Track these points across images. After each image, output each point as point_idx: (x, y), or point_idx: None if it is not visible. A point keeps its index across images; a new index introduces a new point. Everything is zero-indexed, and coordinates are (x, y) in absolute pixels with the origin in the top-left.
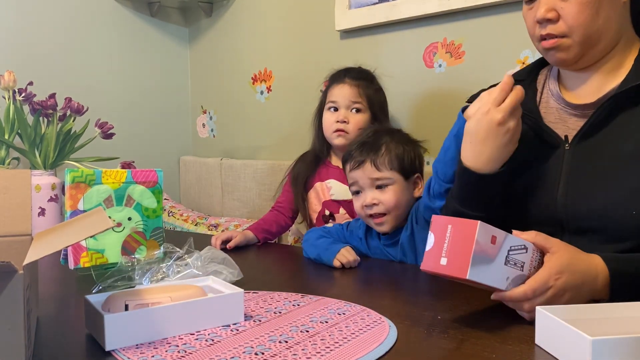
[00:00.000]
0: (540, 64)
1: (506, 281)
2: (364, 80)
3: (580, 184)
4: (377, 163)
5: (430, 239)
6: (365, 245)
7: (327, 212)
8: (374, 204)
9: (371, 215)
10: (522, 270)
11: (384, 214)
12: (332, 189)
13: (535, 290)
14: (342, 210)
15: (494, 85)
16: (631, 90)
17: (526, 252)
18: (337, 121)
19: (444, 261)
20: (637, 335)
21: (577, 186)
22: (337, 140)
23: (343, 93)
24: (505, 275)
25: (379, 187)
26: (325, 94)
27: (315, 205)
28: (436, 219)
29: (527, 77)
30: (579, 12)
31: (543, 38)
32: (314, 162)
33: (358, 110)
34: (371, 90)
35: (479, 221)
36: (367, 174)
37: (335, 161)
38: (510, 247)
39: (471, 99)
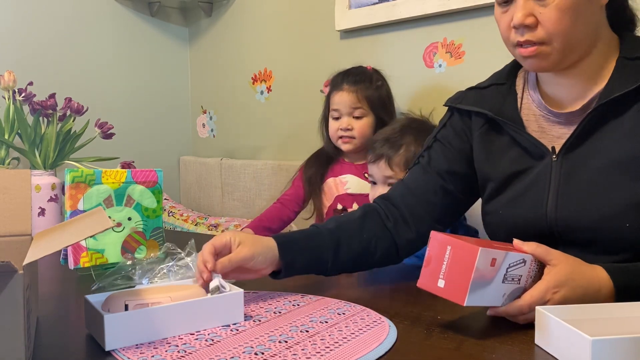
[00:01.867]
0: (517, 64)
1: (502, 297)
2: (362, 82)
3: (570, 197)
4: (391, 163)
5: (428, 256)
6: None
7: (339, 207)
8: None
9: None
10: (519, 284)
11: None
12: (347, 182)
13: (531, 305)
14: (355, 205)
15: (476, 87)
16: (616, 99)
17: (524, 265)
18: (340, 129)
19: (441, 283)
20: (637, 335)
21: (567, 199)
22: (344, 147)
23: (343, 100)
24: (502, 293)
25: (391, 184)
26: (327, 99)
27: (326, 200)
28: (435, 236)
29: (507, 81)
30: (560, 19)
31: (519, 44)
32: (326, 161)
33: (360, 116)
34: (371, 90)
35: (480, 247)
36: (381, 171)
37: (349, 159)
38: (509, 264)
39: (450, 101)
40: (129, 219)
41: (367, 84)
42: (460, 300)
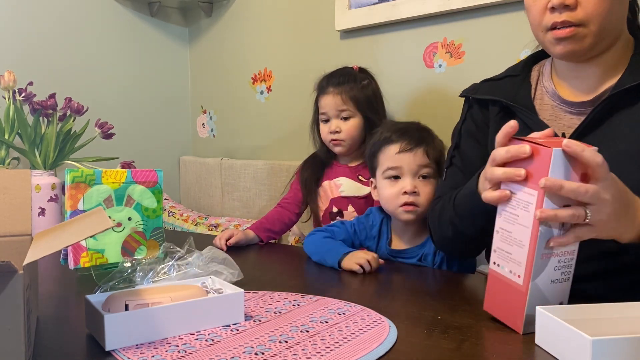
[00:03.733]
0: (533, 60)
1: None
2: (346, 83)
3: None
4: (429, 152)
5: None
6: (375, 245)
7: (334, 209)
8: (415, 192)
9: (405, 203)
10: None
11: (417, 206)
12: (342, 185)
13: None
14: (350, 208)
15: (491, 79)
16: (628, 90)
17: None
18: (330, 132)
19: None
20: (637, 335)
21: None
22: (335, 150)
23: (329, 103)
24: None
25: (423, 177)
26: (316, 103)
27: (322, 203)
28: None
29: (521, 73)
30: (600, 1)
31: (554, 27)
32: (320, 165)
33: (347, 117)
34: (356, 90)
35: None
36: (418, 160)
37: (343, 161)
38: None
39: (466, 92)
40: (129, 219)
41: (352, 84)
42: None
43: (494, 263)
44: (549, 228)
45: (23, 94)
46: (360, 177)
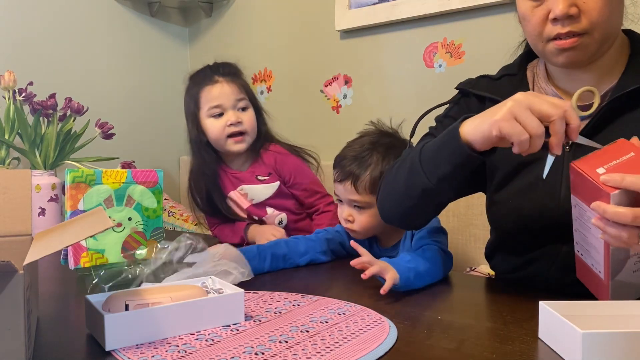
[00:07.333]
0: (526, 58)
1: None
2: (234, 75)
3: None
4: (357, 185)
5: (604, 149)
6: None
7: (255, 218)
8: (349, 221)
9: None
10: None
11: (355, 230)
12: (248, 194)
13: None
14: (269, 210)
15: (488, 76)
16: (630, 92)
17: None
18: (230, 124)
19: (601, 170)
20: (627, 330)
21: None
22: (236, 147)
23: (225, 92)
24: None
25: (357, 207)
26: (193, 99)
27: (241, 213)
28: (622, 140)
29: (518, 72)
30: (603, 7)
31: (556, 37)
32: (211, 177)
33: (245, 107)
34: (243, 80)
35: None
36: (347, 193)
37: (235, 167)
38: None
39: (463, 84)
40: (129, 219)
41: (240, 74)
42: (607, 189)
43: (578, 252)
44: None
45: (23, 94)
46: (259, 178)
